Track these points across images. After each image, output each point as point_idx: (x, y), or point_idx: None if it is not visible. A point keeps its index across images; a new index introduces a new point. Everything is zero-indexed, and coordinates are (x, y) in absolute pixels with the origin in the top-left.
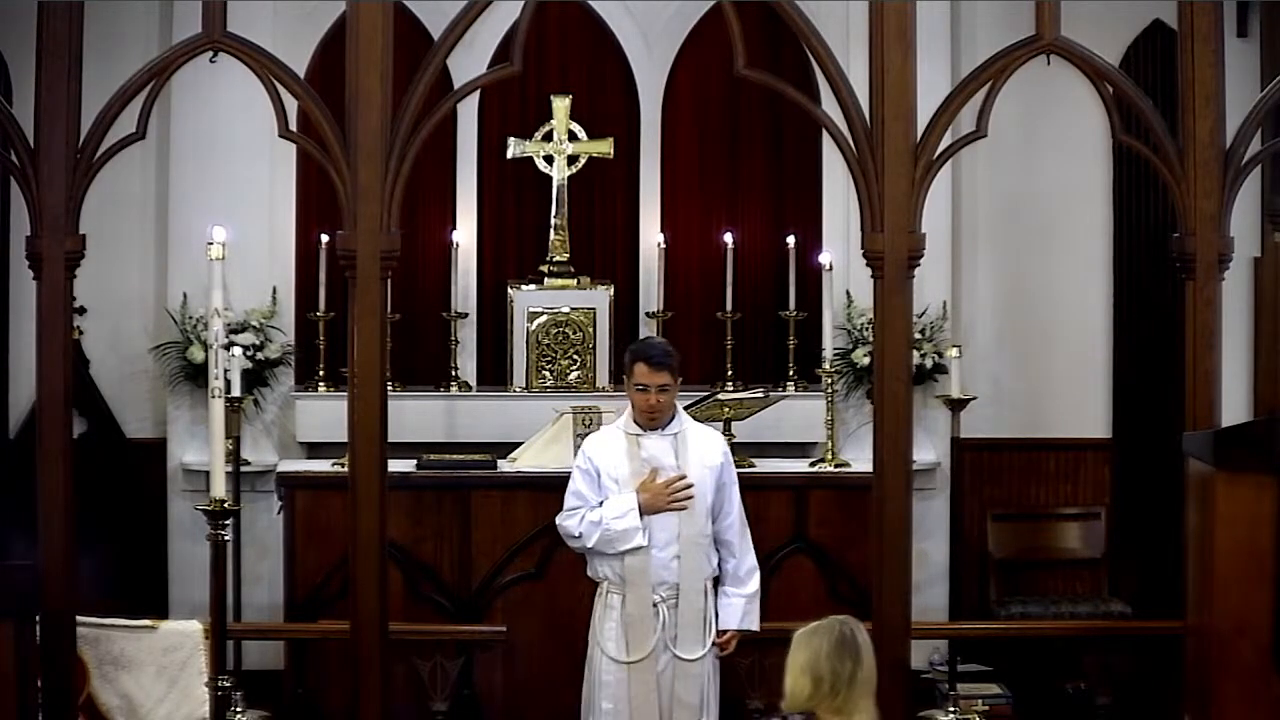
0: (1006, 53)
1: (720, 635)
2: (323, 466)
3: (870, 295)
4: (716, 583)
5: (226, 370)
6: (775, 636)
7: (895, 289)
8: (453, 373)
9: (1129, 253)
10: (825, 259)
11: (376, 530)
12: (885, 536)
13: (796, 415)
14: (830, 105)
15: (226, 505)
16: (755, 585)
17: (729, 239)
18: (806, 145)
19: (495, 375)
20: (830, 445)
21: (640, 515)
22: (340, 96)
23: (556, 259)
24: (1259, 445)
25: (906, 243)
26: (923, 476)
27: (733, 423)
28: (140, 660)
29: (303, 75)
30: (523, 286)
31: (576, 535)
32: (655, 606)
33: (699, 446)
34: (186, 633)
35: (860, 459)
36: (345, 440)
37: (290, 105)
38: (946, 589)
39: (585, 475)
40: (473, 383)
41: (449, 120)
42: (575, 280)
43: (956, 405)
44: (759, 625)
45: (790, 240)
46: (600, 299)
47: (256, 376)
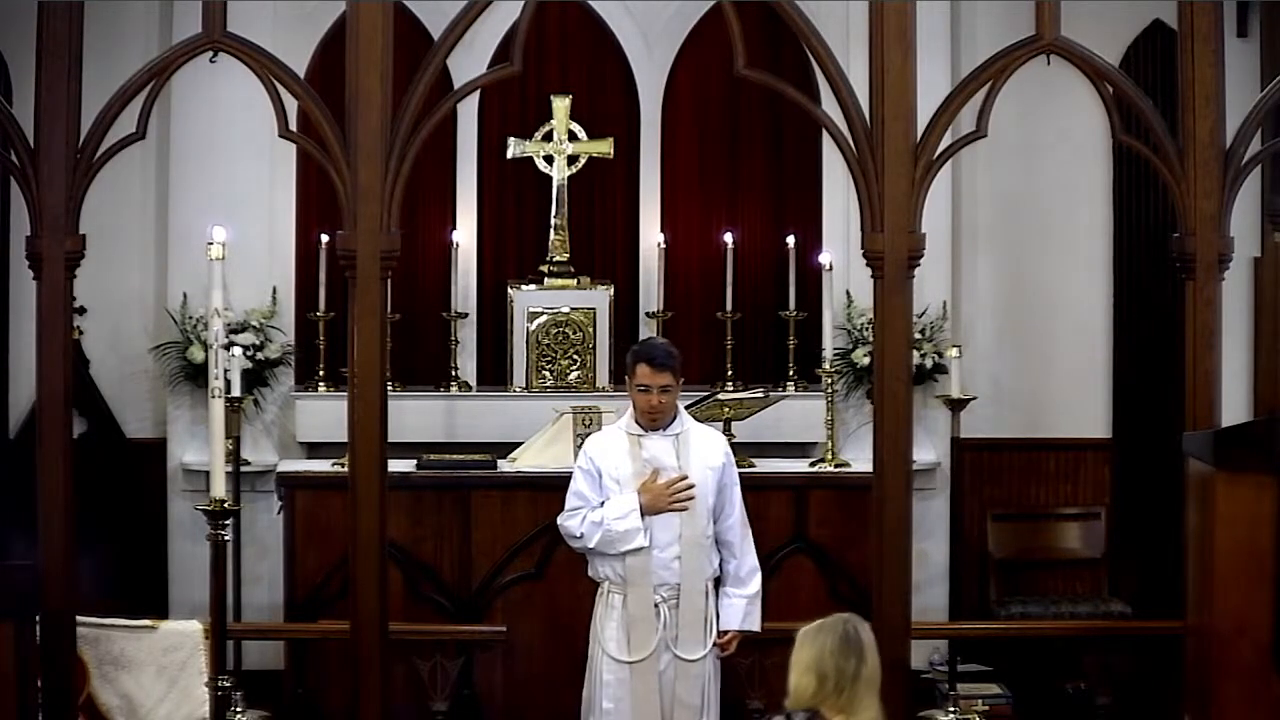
0: (1006, 53)
1: (721, 636)
2: (323, 466)
3: (870, 295)
4: (717, 583)
5: (226, 370)
6: (775, 637)
7: (895, 289)
8: (453, 373)
9: (1129, 253)
10: (825, 259)
11: (376, 530)
12: (885, 536)
13: (796, 415)
14: (830, 105)
15: (226, 505)
16: (756, 586)
17: (729, 239)
18: (806, 145)
19: (495, 375)
20: (830, 445)
21: (642, 516)
22: (340, 96)
23: (556, 259)
24: (1259, 445)
25: (906, 243)
26: (923, 476)
27: (733, 423)
28: (140, 660)
29: (303, 75)
30: (523, 286)
31: (578, 535)
32: (656, 607)
33: (701, 447)
34: (186, 633)
35: (860, 459)
36: (345, 440)
37: (290, 105)
38: (946, 589)
39: (587, 475)
40: (473, 383)
41: (449, 120)
42: (575, 280)
43: (956, 405)
44: (760, 626)
45: (790, 240)
46: (600, 299)
47: (256, 376)
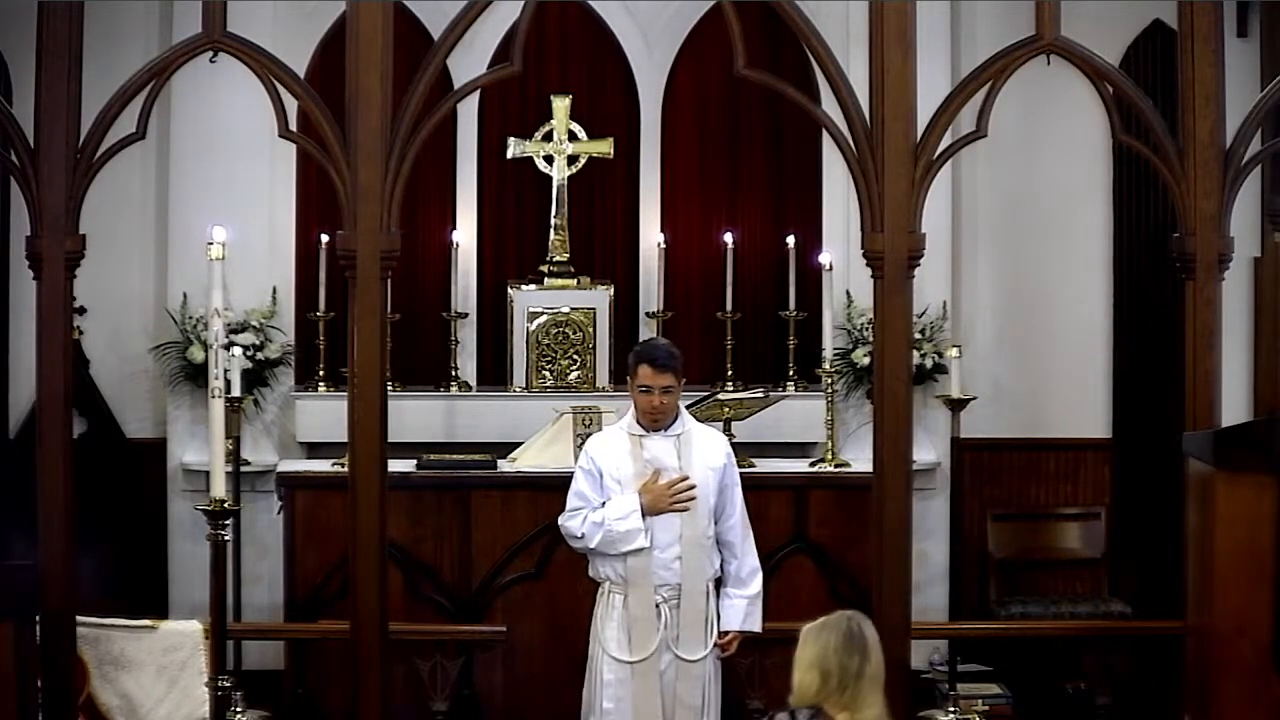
0: (1006, 53)
1: (722, 636)
2: (323, 466)
3: (870, 295)
4: (718, 584)
5: (226, 370)
6: (775, 637)
7: (895, 289)
8: (453, 373)
9: (1129, 253)
10: (825, 259)
11: (376, 530)
12: (885, 536)
13: (796, 415)
14: (830, 105)
15: (226, 505)
16: (757, 586)
17: (729, 239)
18: (806, 145)
19: (495, 375)
20: (830, 445)
21: (643, 516)
22: (340, 96)
23: (556, 259)
24: (1259, 445)
25: (906, 243)
26: (923, 476)
27: (733, 423)
28: (140, 660)
29: (303, 75)
30: (523, 286)
31: (579, 536)
32: (657, 607)
33: (702, 447)
34: (186, 633)
35: (860, 459)
36: (345, 440)
37: (290, 105)
38: (946, 589)
39: (588, 476)
40: (473, 383)
41: (449, 120)
42: (575, 280)
43: (956, 405)
44: (761, 626)
45: (790, 240)
46: (600, 299)
47: (256, 376)
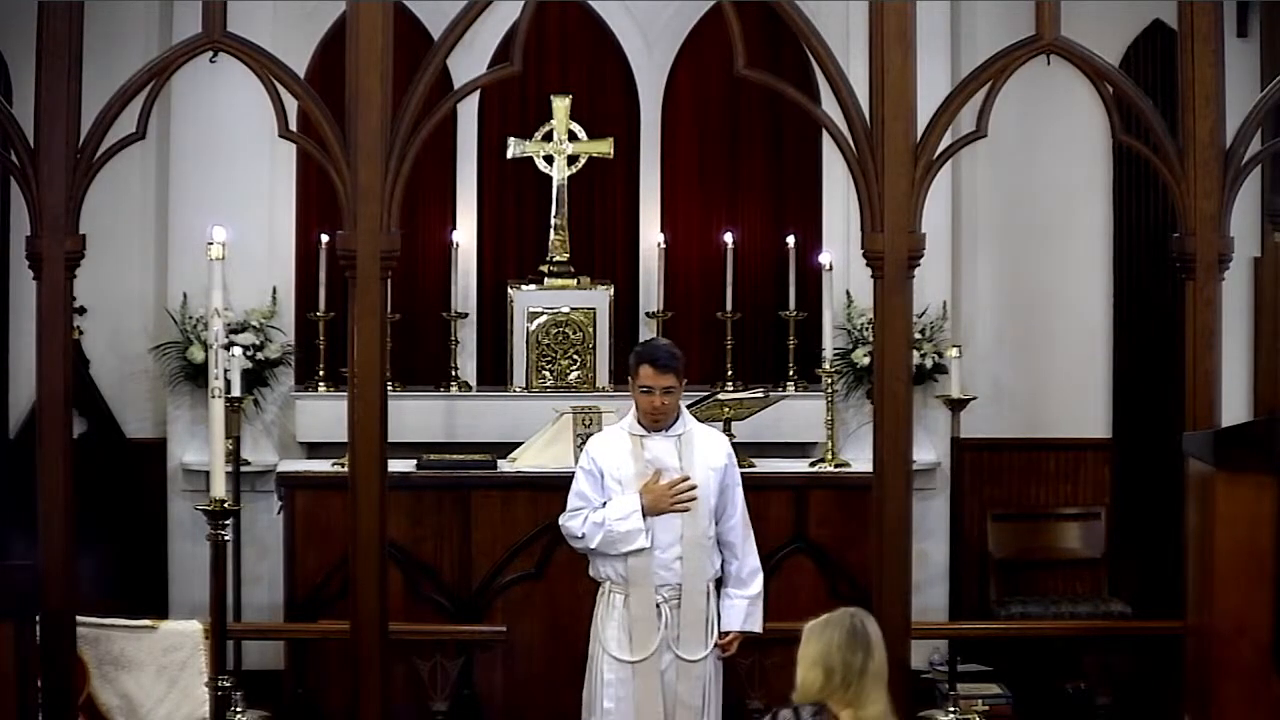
0: (1006, 53)
1: (722, 637)
2: (323, 466)
3: (870, 295)
4: (719, 584)
5: (226, 370)
6: (776, 637)
7: (895, 289)
8: (453, 373)
9: (1129, 253)
10: (825, 259)
11: (376, 530)
12: (885, 536)
13: (796, 415)
14: (830, 105)
15: (226, 505)
16: (758, 587)
17: (729, 239)
18: (806, 145)
19: (495, 375)
20: (830, 445)
21: (643, 516)
22: (340, 96)
23: (556, 259)
24: (1259, 445)
25: (906, 243)
26: (923, 476)
27: (733, 423)
28: (140, 660)
29: (303, 75)
30: (523, 286)
31: (579, 536)
32: (658, 607)
33: (703, 448)
34: (186, 633)
35: (860, 459)
36: (345, 440)
37: (290, 105)
38: (946, 589)
39: (588, 476)
40: (473, 383)
41: (449, 120)
42: (575, 280)
43: (956, 405)
44: (761, 627)
45: (790, 240)
46: (600, 299)
47: (256, 376)
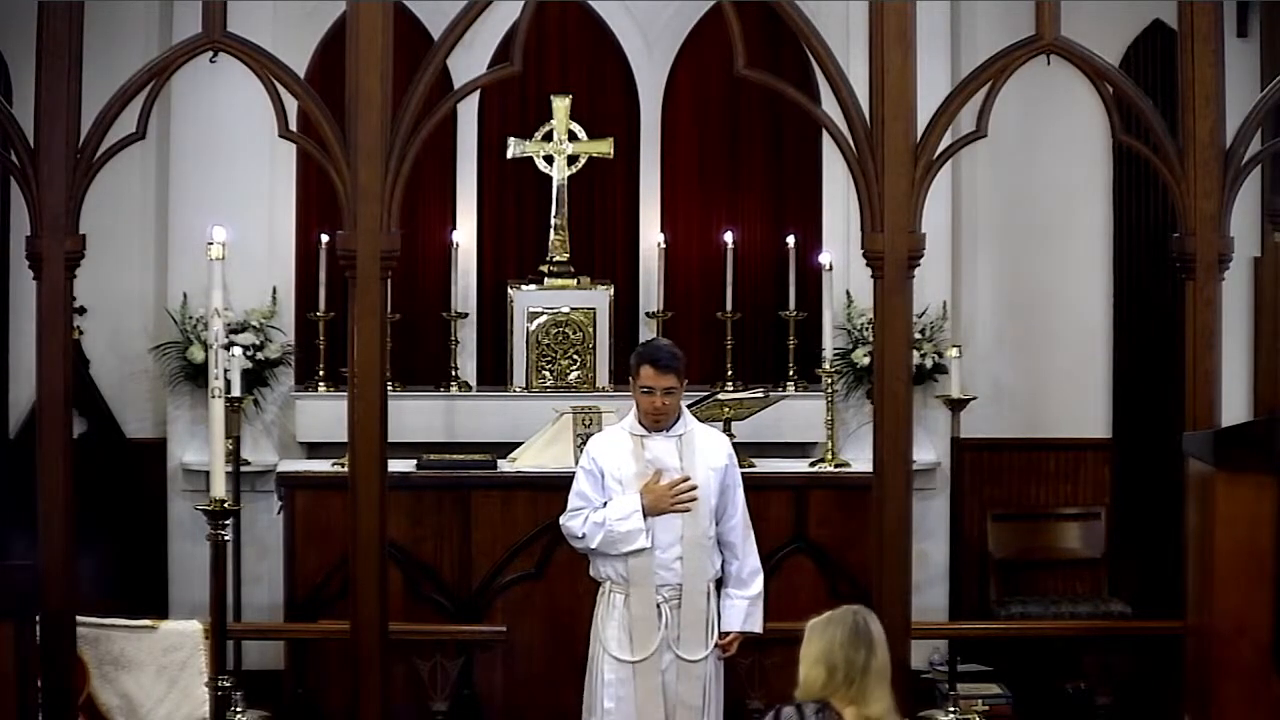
0: (1006, 53)
1: (723, 637)
2: (323, 466)
3: (870, 295)
4: (719, 584)
5: (226, 370)
6: (776, 637)
7: (895, 289)
8: (453, 373)
9: (1129, 253)
10: (825, 259)
11: (376, 530)
12: (885, 536)
13: (796, 415)
14: (830, 105)
15: (226, 505)
16: (758, 587)
17: (729, 239)
18: (806, 145)
19: (495, 375)
20: (830, 445)
21: (644, 516)
22: (340, 96)
23: (556, 259)
24: (1259, 445)
25: (906, 243)
26: (923, 476)
27: (733, 423)
28: (140, 660)
29: (303, 75)
30: (523, 286)
31: (580, 536)
32: (658, 607)
33: (704, 448)
34: (186, 633)
35: (860, 459)
36: (345, 440)
37: (290, 105)
38: (946, 589)
39: (589, 476)
40: (473, 383)
41: (449, 120)
42: (575, 280)
43: (956, 405)
44: (761, 627)
45: (790, 240)
46: (600, 299)
47: (256, 376)
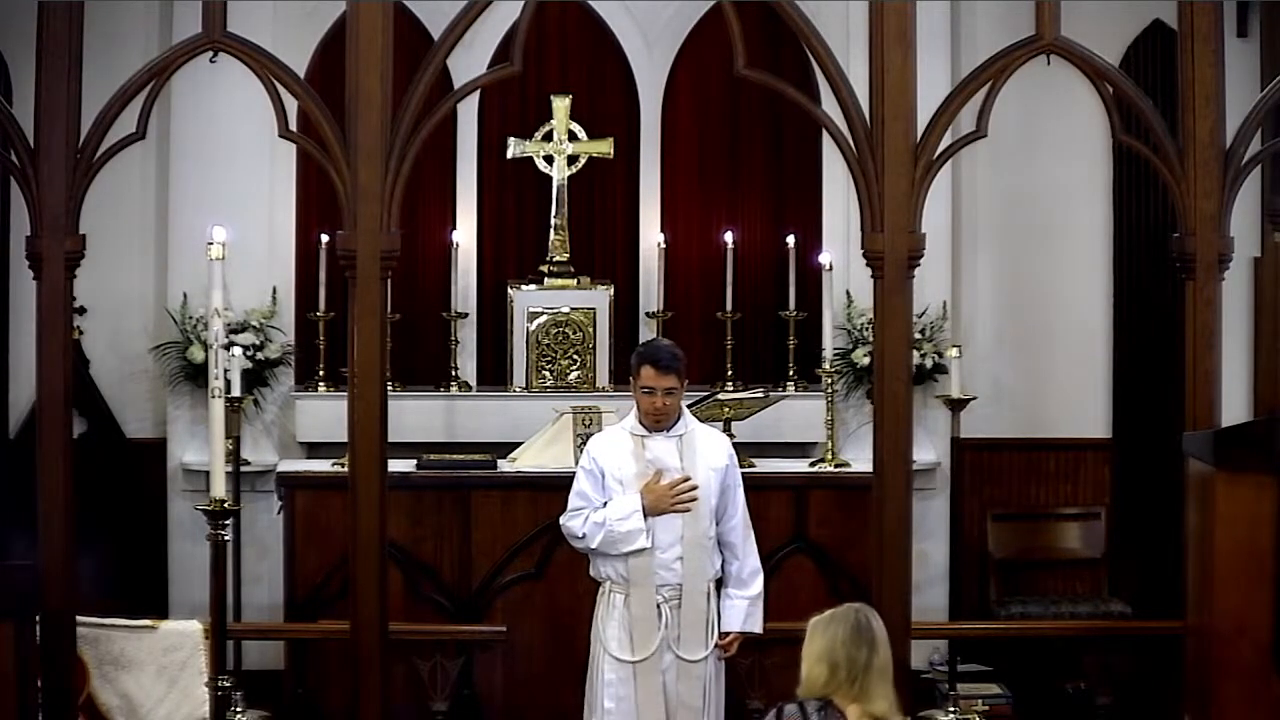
0: (1006, 53)
1: (723, 637)
2: (323, 466)
3: (870, 295)
4: (719, 584)
5: (226, 370)
6: (776, 637)
7: (895, 289)
8: (453, 373)
9: (1129, 253)
10: (825, 259)
11: (376, 530)
12: (885, 536)
13: (796, 415)
14: (830, 105)
15: (226, 505)
16: (758, 587)
17: (729, 239)
18: (806, 145)
19: (495, 375)
20: (830, 445)
21: (644, 516)
22: (340, 96)
23: (556, 259)
24: (1259, 445)
25: (906, 243)
26: (923, 476)
27: (733, 423)
28: (140, 660)
29: (303, 75)
30: (523, 286)
31: (580, 536)
32: (658, 607)
33: (704, 448)
34: (186, 633)
35: (860, 459)
36: (345, 440)
37: (290, 105)
38: (946, 589)
39: (589, 475)
40: (473, 383)
41: (449, 120)
42: (575, 280)
43: (956, 405)
44: (761, 627)
45: (790, 240)
46: (600, 299)
47: (256, 376)
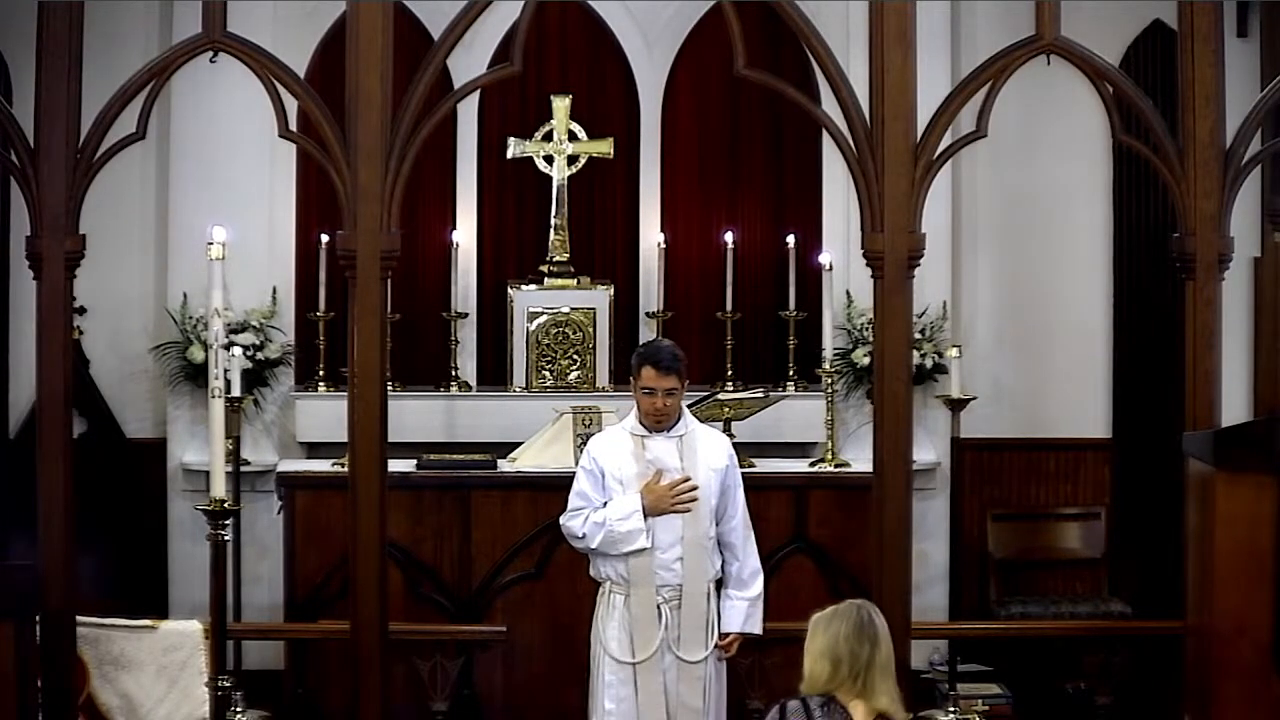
0: (1006, 53)
1: (723, 638)
2: (323, 466)
3: (870, 295)
4: (719, 585)
5: (226, 370)
6: (776, 637)
7: (895, 289)
8: (453, 373)
9: (1129, 253)
10: (825, 259)
11: (376, 530)
12: (885, 536)
13: (796, 415)
14: (830, 105)
15: (226, 505)
16: (758, 588)
17: (729, 239)
18: (806, 145)
19: (495, 375)
20: (830, 445)
21: (644, 517)
22: (340, 96)
23: (556, 259)
24: (1259, 445)
25: (906, 243)
26: (923, 476)
27: (733, 423)
28: (140, 660)
29: (303, 75)
30: (523, 286)
31: (580, 536)
32: (658, 608)
33: (705, 448)
34: (186, 633)
35: (860, 459)
36: (345, 440)
37: (290, 105)
38: (946, 589)
39: (590, 476)
40: (473, 383)
41: (449, 120)
42: (575, 280)
43: (956, 405)
44: (761, 628)
45: (790, 240)
46: (600, 299)
47: (256, 376)
